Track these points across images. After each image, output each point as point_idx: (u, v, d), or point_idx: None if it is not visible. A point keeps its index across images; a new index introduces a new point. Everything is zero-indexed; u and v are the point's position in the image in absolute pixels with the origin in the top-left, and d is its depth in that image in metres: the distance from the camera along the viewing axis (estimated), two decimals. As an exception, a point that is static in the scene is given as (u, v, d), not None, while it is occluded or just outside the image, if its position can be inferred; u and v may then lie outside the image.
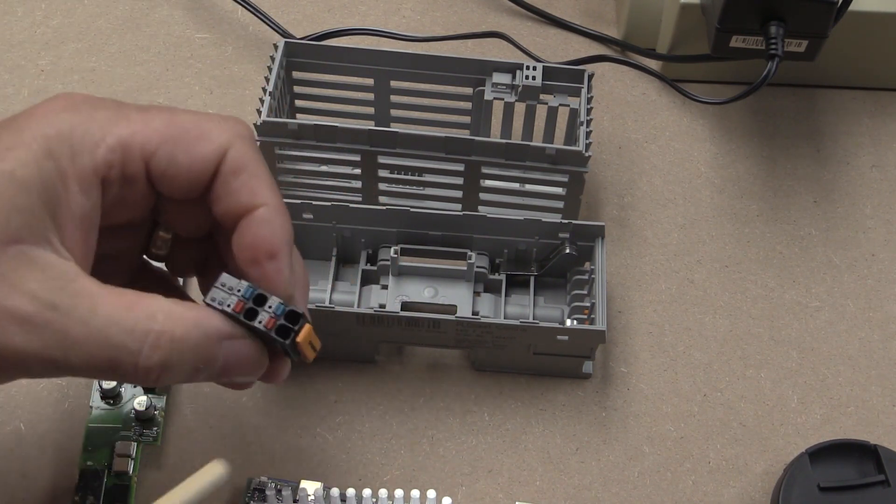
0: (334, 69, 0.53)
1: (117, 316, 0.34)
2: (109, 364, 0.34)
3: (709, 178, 0.58)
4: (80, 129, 0.34)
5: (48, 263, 0.33)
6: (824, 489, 0.44)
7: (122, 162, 0.35)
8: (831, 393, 0.50)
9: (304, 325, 0.36)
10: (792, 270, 0.55)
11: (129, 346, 0.34)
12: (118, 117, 0.35)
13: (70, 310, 0.33)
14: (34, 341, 0.33)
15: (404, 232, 0.50)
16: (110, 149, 0.35)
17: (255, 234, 0.36)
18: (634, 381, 0.50)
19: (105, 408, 0.47)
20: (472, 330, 0.47)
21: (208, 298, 0.36)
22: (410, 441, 0.48)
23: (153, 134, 0.35)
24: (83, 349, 0.33)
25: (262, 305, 0.36)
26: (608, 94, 0.61)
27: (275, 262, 0.36)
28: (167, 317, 0.34)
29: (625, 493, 0.47)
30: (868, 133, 0.60)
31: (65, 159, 0.34)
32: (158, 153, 0.35)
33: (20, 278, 0.33)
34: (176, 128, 0.36)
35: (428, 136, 0.49)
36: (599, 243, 0.49)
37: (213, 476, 0.36)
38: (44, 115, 0.34)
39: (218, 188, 0.36)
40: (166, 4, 0.64)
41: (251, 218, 0.36)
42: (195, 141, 0.36)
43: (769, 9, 0.50)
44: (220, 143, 0.36)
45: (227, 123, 0.37)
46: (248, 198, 0.36)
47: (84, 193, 0.34)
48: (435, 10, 0.65)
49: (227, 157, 0.36)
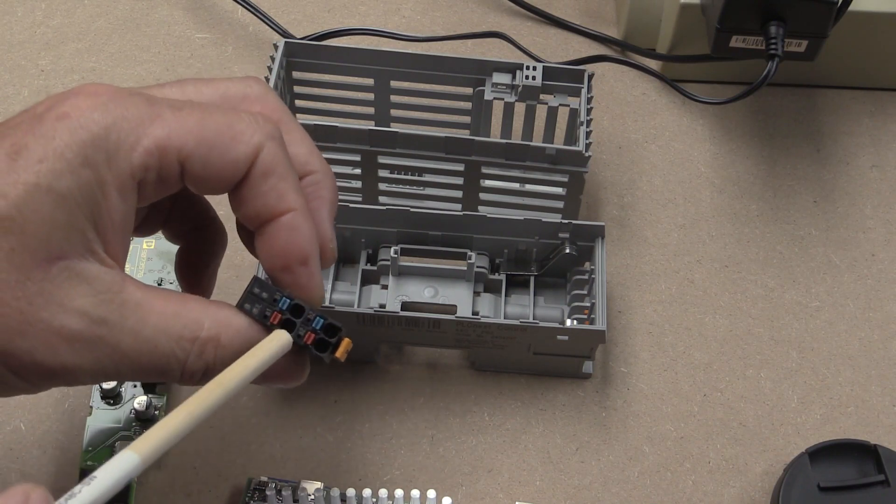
0: (334, 69, 0.53)
1: (165, 325, 0.34)
2: (157, 370, 0.34)
3: (709, 178, 0.58)
4: (115, 131, 0.33)
5: (95, 276, 0.33)
6: (824, 489, 0.44)
7: (159, 165, 0.34)
8: (831, 393, 0.50)
9: (342, 340, 0.36)
10: (792, 270, 0.55)
11: (177, 354, 0.34)
12: (152, 116, 0.34)
13: (119, 323, 0.33)
14: (85, 357, 0.33)
15: (404, 232, 0.50)
16: (148, 152, 0.33)
17: (286, 241, 0.35)
18: (634, 381, 0.50)
19: (105, 408, 0.47)
20: (472, 330, 0.47)
21: (243, 305, 0.36)
22: (410, 441, 0.48)
23: (188, 136, 0.34)
24: (133, 360, 0.34)
25: (300, 316, 0.36)
26: (608, 94, 0.61)
27: (307, 269, 0.36)
28: (213, 324, 0.35)
29: (625, 493, 0.47)
30: (868, 133, 0.60)
31: (102, 166, 0.32)
32: (193, 156, 0.34)
33: (67, 295, 0.32)
34: (209, 129, 0.34)
35: (428, 136, 0.49)
36: (599, 243, 0.49)
37: (279, 344, 0.35)
38: (74, 117, 0.33)
39: (246, 190, 0.35)
40: (166, 4, 0.64)
41: (279, 224, 0.35)
42: (229, 143, 0.35)
43: (769, 9, 0.50)
44: (253, 146, 0.35)
45: (258, 123, 0.35)
46: (276, 202, 0.35)
47: (122, 198, 0.33)
48: (435, 10, 0.65)
49: (258, 159, 0.35)
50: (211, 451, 0.47)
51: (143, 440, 0.30)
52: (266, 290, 0.36)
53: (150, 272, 0.51)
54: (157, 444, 0.31)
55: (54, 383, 0.34)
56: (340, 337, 0.36)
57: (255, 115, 0.36)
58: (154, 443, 0.31)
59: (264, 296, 0.36)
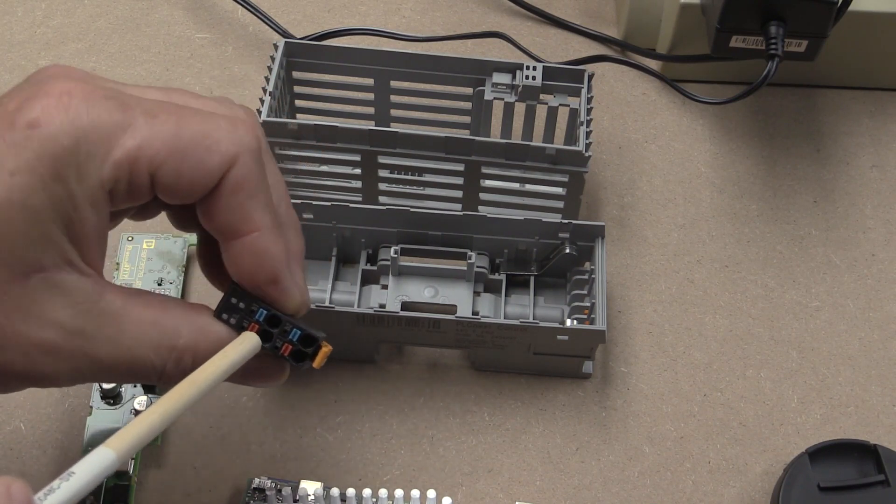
0: (334, 69, 0.53)
1: (142, 333, 0.34)
2: (134, 376, 0.35)
3: (709, 178, 0.58)
4: (85, 143, 0.32)
5: (72, 287, 0.33)
6: (824, 489, 0.44)
7: (129, 177, 0.33)
8: (831, 393, 0.50)
9: (320, 349, 0.36)
10: (792, 270, 0.55)
11: (154, 362, 0.35)
12: (124, 124, 0.33)
13: (96, 333, 0.33)
14: (63, 366, 0.33)
15: (404, 232, 0.50)
16: (117, 164, 0.33)
17: (252, 263, 0.35)
18: (634, 381, 0.50)
19: (105, 408, 0.47)
20: (472, 330, 0.47)
21: (221, 314, 0.36)
22: (410, 441, 0.48)
23: (161, 147, 0.33)
24: (110, 367, 0.34)
25: (277, 326, 0.36)
26: (608, 94, 0.61)
27: (277, 287, 0.36)
28: (191, 332, 0.35)
29: (625, 493, 0.47)
30: (868, 133, 0.60)
31: (72, 180, 0.32)
32: (165, 166, 0.33)
33: (44, 308, 0.32)
34: (184, 138, 0.33)
35: (428, 136, 0.49)
36: (599, 243, 0.49)
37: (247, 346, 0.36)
38: (45, 125, 0.32)
39: (214, 202, 0.34)
40: (166, 4, 0.64)
41: (244, 243, 0.35)
42: (203, 154, 0.34)
43: (769, 9, 0.50)
44: (227, 157, 0.34)
45: (237, 132, 0.34)
46: (241, 221, 0.35)
47: (94, 209, 0.33)
48: (435, 10, 0.65)
49: (230, 173, 0.34)
50: (211, 451, 0.47)
51: (119, 437, 0.31)
52: (243, 300, 0.36)
53: (150, 272, 0.51)
54: (132, 441, 0.31)
55: (29, 386, 0.34)
56: (318, 347, 0.36)
57: (235, 121, 0.35)
58: (129, 440, 0.31)
59: (241, 306, 0.36)
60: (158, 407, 0.32)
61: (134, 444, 0.31)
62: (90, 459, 0.30)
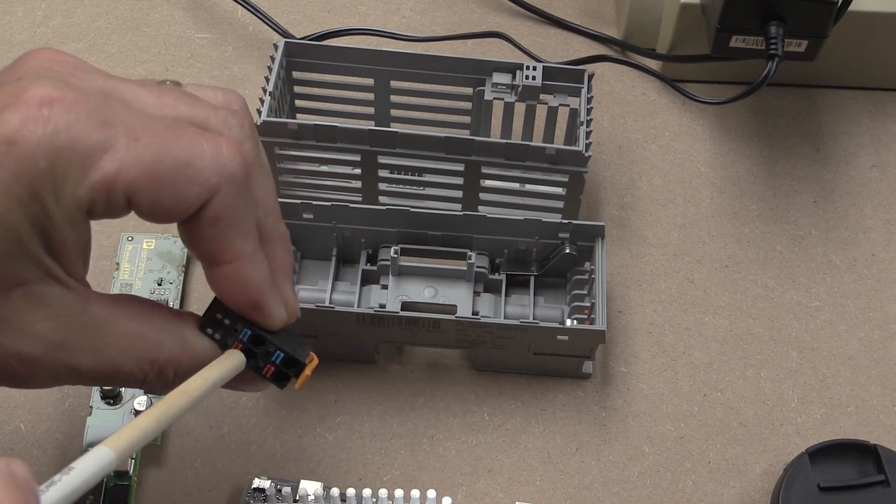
0: (334, 69, 0.53)
1: (125, 346, 0.34)
2: (116, 384, 0.36)
3: (709, 178, 0.58)
4: (62, 164, 0.31)
5: (54, 299, 0.33)
6: (824, 489, 0.44)
7: (105, 199, 0.32)
8: (831, 393, 0.50)
9: (302, 371, 0.37)
10: (792, 270, 0.55)
11: (136, 374, 0.35)
12: (104, 145, 0.31)
13: (79, 344, 0.33)
14: (46, 377, 0.34)
15: (404, 232, 0.50)
16: (93, 188, 0.31)
17: (233, 290, 0.35)
18: (634, 381, 0.50)
19: (105, 408, 0.47)
20: (472, 330, 0.47)
21: (205, 328, 0.36)
22: (410, 441, 0.48)
23: (139, 174, 0.32)
24: (92, 377, 0.34)
25: (260, 346, 0.36)
26: (608, 94, 0.61)
27: (260, 311, 0.36)
28: (174, 345, 0.35)
29: (625, 493, 0.47)
30: (868, 133, 0.60)
31: (49, 201, 0.31)
32: (142, 193, 0.32)
33: (26, 321, 0.32)
34: (164, 165, 0.32)
35: (428, 136, 0.49)
36: (599, 243, 0.49)
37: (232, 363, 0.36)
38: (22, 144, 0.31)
39: (192, 229, 0.34)
40: (166, 4, 0.64)
41: (224, 271, 0.35)
42: (182, 184, 0.32)
43: (769, 9, 0.50)
44: (208, 188, 0.33)
45: (221, 160, 0.33)
46: (221, 250, 0.34)
47: (72, 227, 0.32)
48: (435, 10, 0.65)
49: (210, 204, 0.33)
50: (211, 451, 0.47)
51: (117, 438, 0.31)
52: (228, 317, 0.36)
53: (150, 272, 0.51)
54: (129, 442, 0.32)
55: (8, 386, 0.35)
56: (300, 369, 0.37)
57: (221, 144, 0.34)
58: (127, 441, 0.32)
59: (226, 322, 0.36)
60: (154, 411, 0.33)
61: (131, 445, 0.32)
62: (89, 457, 0.30)
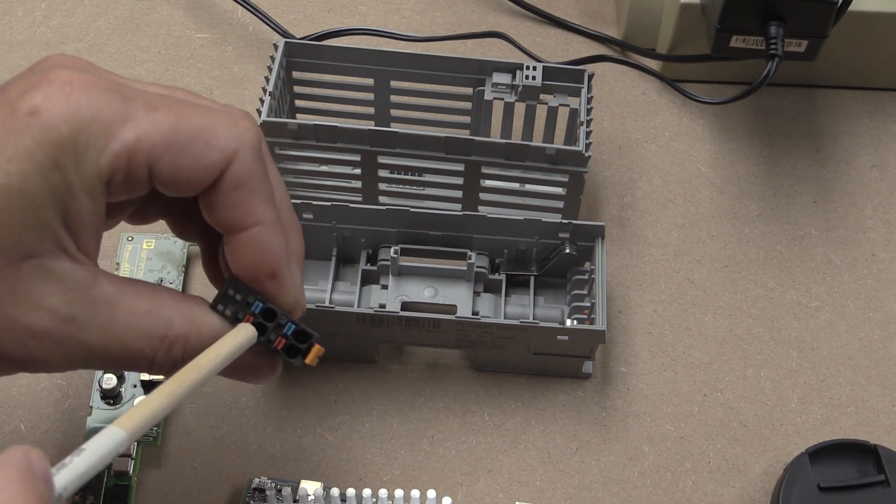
0: (334, 69, 0.53)
1: (134, 322, 0.34)
2: (125, 364, 0.35)
3: (709, 178, 0.58)
4: (85, 133, 0.32)
5: (66, 274, 0.33)
6: (824, 489, 0.44)
7: (127, 168, 0.33)
8: (831, 393, 0.50)
9: (312, 346, 0.37)
10: (792, 270, 0.55)
11: (146, 351, 0.35)
12: (123, 116, 0.33)
13: (89, 320, 0.33)
14: (54, 352, 0.33)
15: (404, 232, 0.50)
16: (115, 156, 0.33)
17: (252, 256, 0.35)
18: (634, 381, 0.50)
19: (105, 408, 0.47)
20: (472, 330, 0.47)
21: (217, 305, 0.36)
22: (410, 441, 0.48)
23: (159, 139, 0.33)
24: (101, 355, 0.34)
25: (272, 320, 0.36)
26: (608, 94, 0.61)
27: (275, 282, 0.36)
28: (183, 322, 0.35)
29: (625, 493, 0.47)
30: (868, 133, 0.60)
31: (70, 169, 0.32)
32: (163, 159, 0.33)
33: (38, 294, 0.33)
34: (183, 132, 0.34)
35: (428, 136, 0.49)
36: (599, 243, 0.49)
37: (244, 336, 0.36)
38: (45, 114, 0.32)
39: (214, 198, 0.35)
40: (166, 4, 0.64)
41: (245, 237, 0.35)
42: (202, 149, 0.34)
43: (769, 9, 0.50)
44: (226, 154, 0.34)
45: (237, 128, 0.35)
46: (243, 215, 0.35)
47: (91, 199, 0.33)
48: (435, 10, 0.65)
49: (230, 168, 0.34)
50: (211, 451, 0.47)
51: (128, 417, 0.31)
52: (240, 292, 0.36)
53: (150, 272, 0.51)
54: (140, 421, 0.31)
55: (21, 371, 0.34)
56: (311, 343, 0.37)
57: (236, 116, 0.35)
58: (138, 419, 0.31)
59: (238, 297, 0.36)
60: (163, 389, 0.32)
61: (141, 424, 0.31)
62: (100, 437, 0.30)
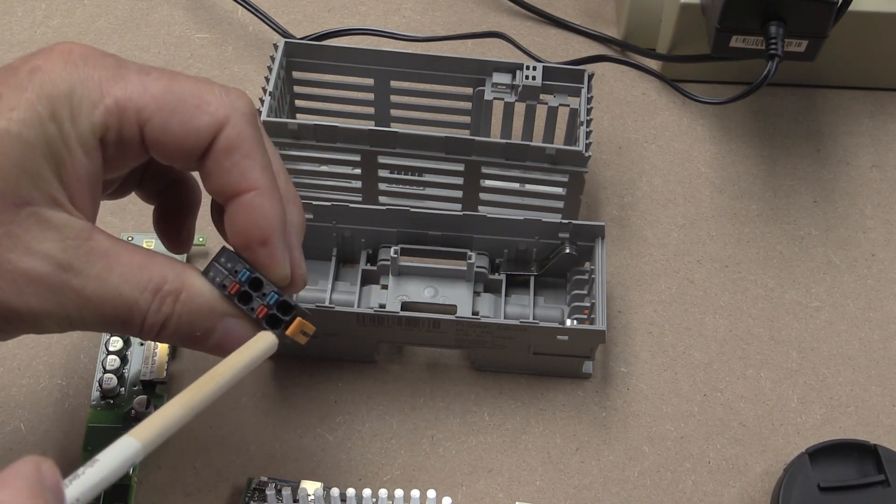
0: (334, 69, 0.53)
1: (130, 274, 0.35)
2: (120, 319, 0.35)
3: (709, 178, 0.58)
4: (80, 88, 0.34)
5: (62, 223, 0.34)
6: (824, 489, 0.44)
7: (119, 125, 0.34)
8: (831, 393, 0.50)
9: (295, 318, 0.37)
10: (792, 270, 0.55)
11: (140, 304, 0.35)
12: (116, 77, 0.35)
13: (85, 269, 0.34)
14: (50, 301, 0.34)
15: (404, 232, 0.50)
16: (107, 110, 0.34)
17: (245, 221, 0.36)
18: (634, 381, 0.50)
19: (105, 408, 0.47)
20: (472, 330, 0.47)
21: (207, 273, 0.36)
22: (410, 441, 0.48)
23: (150, 99, 0.34)
24: (97, 306, 0.34)
25: (258, 290, 0.36)
26: (608, 94, 0.61)
27: (266, 249, 0.36)
28: (176, 279, 0.36)
29: (625, 493, 0.47)
30: (868, 133, 0.60)
31: (66, 122, 0.34)
32: (153, 120, 0.35)
33: (35, 239, 0.33)
34: (174, 95, 0.35)
35: (428, 136, 0.49)
36: (599, 243, 0.49)
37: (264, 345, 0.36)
38: (45, 71, 0.34)
39: (209, 164, 0.36)
40: (166, 4, 0.64)
41: (240, 202, 0.36)
42: (192, 112, 0.35)
43: (769, 9, 0.50)
44: (217, 118, 0.35)
45: (229, 97, 0.36)
46: (238, 180, 0.35)
47: (86, 154, 0.34)
48: (435, 10, 0.65)
49: (222, 134, 0.35)
50: (211, 451, 0.47)
51: (143, 428, 0.31)
52: (231, 262, 0.36)
53: (150, 272, 0.51)
54: (156, 431, 0.31)
55: (21, 329, 0.35)
56: (294, 315, 0.37)
57: (229, 89, 0.36)
58: (154, 430, 0.31)
59: (228, 266, 0.36)
60: (180, 399, 0.32)
61: (157, 434, 0.31)
62: (115, 448, 0.30)
